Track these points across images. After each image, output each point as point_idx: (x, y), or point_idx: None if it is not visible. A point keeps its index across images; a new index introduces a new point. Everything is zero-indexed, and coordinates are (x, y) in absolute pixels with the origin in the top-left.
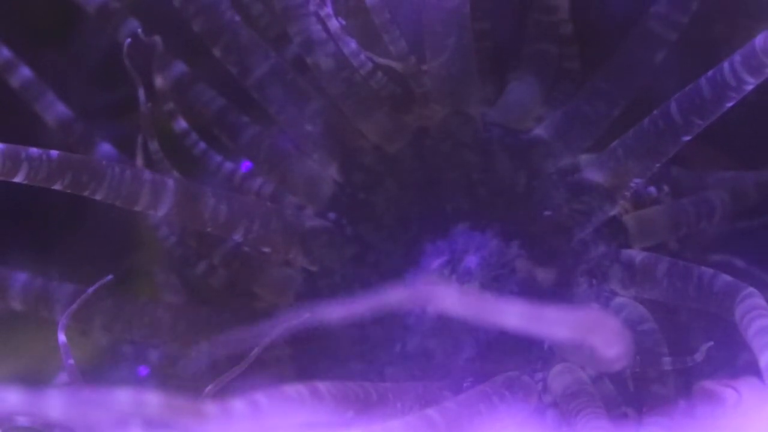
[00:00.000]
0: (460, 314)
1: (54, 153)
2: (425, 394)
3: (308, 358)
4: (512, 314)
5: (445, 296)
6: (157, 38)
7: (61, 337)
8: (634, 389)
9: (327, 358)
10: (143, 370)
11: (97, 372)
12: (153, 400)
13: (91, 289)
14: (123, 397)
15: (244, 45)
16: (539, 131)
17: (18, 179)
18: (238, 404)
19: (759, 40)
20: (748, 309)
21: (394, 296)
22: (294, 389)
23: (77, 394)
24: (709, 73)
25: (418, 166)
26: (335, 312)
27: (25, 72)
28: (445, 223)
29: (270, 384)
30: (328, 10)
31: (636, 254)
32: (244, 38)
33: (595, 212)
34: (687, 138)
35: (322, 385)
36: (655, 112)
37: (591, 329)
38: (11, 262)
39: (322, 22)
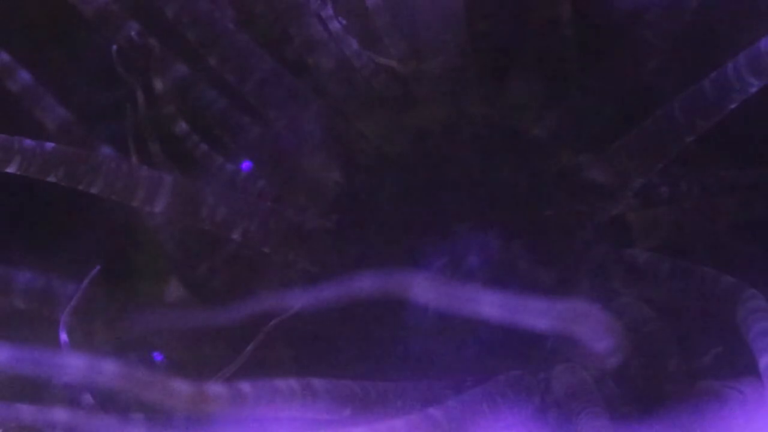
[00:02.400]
0: (440, 304)
1: (49, 145)
2: (426, 394)
3: (309, 360)
4: (496, 305)
5: (424, 286)
6: (153, 41)
7: (63, 336)
8: (638, 390)
9: (328, 359)
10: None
11: None
12: (110, 368)
13: (84, 283)
14: (77, 361)
15: (239, 53)
16: (540, 131)
17: (11, 170)
18: (217, 388)
19: (764, 42)
20: (750, 311)
21: (373, 283)
22: (285, 383)
23: (27, 352)
24: (713, 74)
25: (419, 166)
26: (310, 299)
27: (25, 76)
28: (447, 224)
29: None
30: (329, 11)
31: (639, 254)
32: (240, 46)
33: (598, 212)
34: (690, 139)
35: (317, 382)
36: (657, 112)
37: (578, 321)
38: (12, 261)
39: (323, 22)
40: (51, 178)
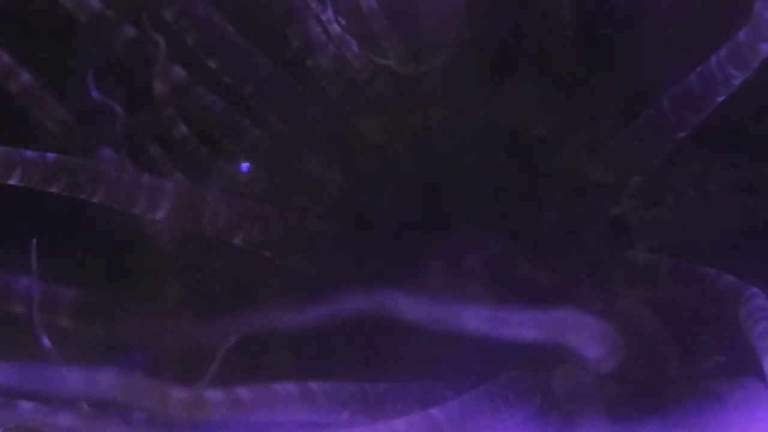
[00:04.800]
0: (426, 322)
1: (50, 155)
2: (426, 394)
3: (309, 361)
4: (482, 319)
5: (409, 305)
6: (160, 39)
7: (45, 341)
8: (638, 390)
9: (327, 360)
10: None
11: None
12: (108, 379)
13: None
14: (74, 374)
15: (239, 55)
16: (540, 131)
17: (13, 181)
18: (214, 394)
19: (743, 34)
20: (753, 310)
21: (357, 304)
22: (282, 387)
23: (24, 368)
24: (699, 68)
25: (419, 167)
26: (295, 320)
27: (26, 77)
28: (447, 225)
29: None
30: (329, 13)
31: (639, 254)
32: (239, 49)
33: (598, 212)
34: (682, 134)
35: (315, 385)
36: (649, 109)
37: (566, 331)
38: (12, 265)
39: (322, 24)
40: (53, 189)
